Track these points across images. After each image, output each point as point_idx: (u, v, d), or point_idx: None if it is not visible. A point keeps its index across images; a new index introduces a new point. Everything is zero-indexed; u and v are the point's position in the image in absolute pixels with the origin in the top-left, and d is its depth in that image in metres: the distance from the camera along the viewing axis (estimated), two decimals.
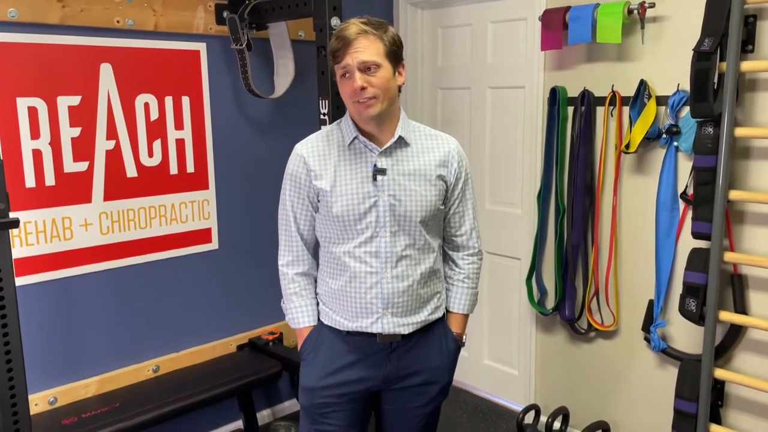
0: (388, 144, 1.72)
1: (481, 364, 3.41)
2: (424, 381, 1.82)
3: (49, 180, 2.38)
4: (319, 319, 1.85)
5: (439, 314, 1.84)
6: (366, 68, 1.63)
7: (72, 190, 2.44)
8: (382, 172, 1.70)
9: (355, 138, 1.72)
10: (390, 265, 1.72)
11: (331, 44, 1.66)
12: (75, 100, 2.41)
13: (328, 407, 1.80)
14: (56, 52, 2.35)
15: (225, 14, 2.69)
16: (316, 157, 1.74)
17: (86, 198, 2.48)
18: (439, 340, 1.85)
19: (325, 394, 1.79)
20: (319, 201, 1.76)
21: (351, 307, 1.75)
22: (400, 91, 1.73)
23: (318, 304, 1.86)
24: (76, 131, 2.43)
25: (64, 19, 2.34)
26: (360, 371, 1.78)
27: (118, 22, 2.47)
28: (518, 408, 3.17)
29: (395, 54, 1.69)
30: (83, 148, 2.45)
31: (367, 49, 1.62)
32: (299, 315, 1.83)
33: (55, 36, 2.34)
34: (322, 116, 2.35)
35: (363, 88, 1.62)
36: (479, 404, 3.33)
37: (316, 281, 1.88)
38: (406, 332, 1.76)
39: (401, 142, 1.74)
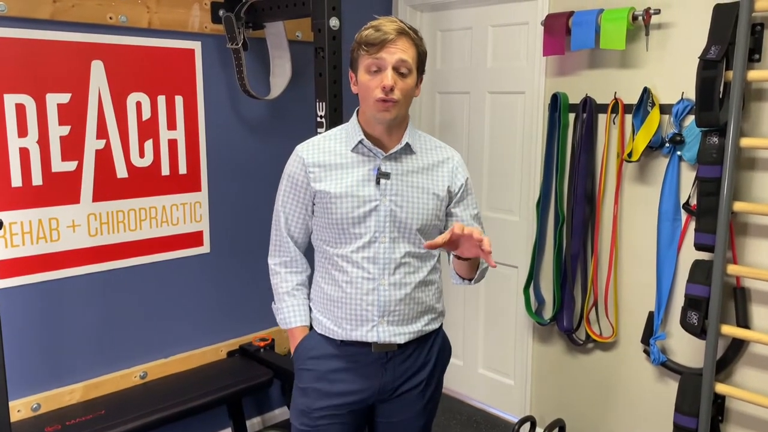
0: (394, 149, 1.68)
1: (476, 372, 3.36)
2: (419, 383, 1.77)
3: (37, 179, 2.31)
4: (312, 327, 1.80)
5: (435, 325, 1.79)
6: (399, 70, 1.60)
7: (60, 190, 2.37)
8: (386, 176, 1.66)
9: (360, 142, 1.67)
10: (388, 271, 1.67)
11: (367, 35, 1.60)
12: (64, 97, 2.35)
13: (323, 419, 1.74)
14: (46, 48, 2.29)
15: (221, 13, 2.64)
16: (317, 159, 1.70)
17: (74, 198, 2.41)
18: (435, 348, 1.80)
19: (322, 405, 1.73)
20: (315, 204, 1.71)
21: (346, 314, 1.70)
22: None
23: (311, 310, 1.81)
24: (65, 130, 2.36)
25: (55, 14, 2.28)
26: (355, 382, 1.72)
27: (110, 18, 2.41)
28: (513, 419, 3.12)
29: (422, 65, 1.68)
30: (72, 147, 2.38)
31: (405, 51, 1.60)
32: (291, 315, 1.79)
33: (45, 31, 2.28)
34: (318, 119, 2.30)
35: (392, 89, 1.58)
36: (473, 414, 3.28)
37: (309, 283, 1.84)
38: (402, 341, 1.71)
39: (407, 149, 1.70)
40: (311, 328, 1.80)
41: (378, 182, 1.66)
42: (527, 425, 2.93)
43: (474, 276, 1.69)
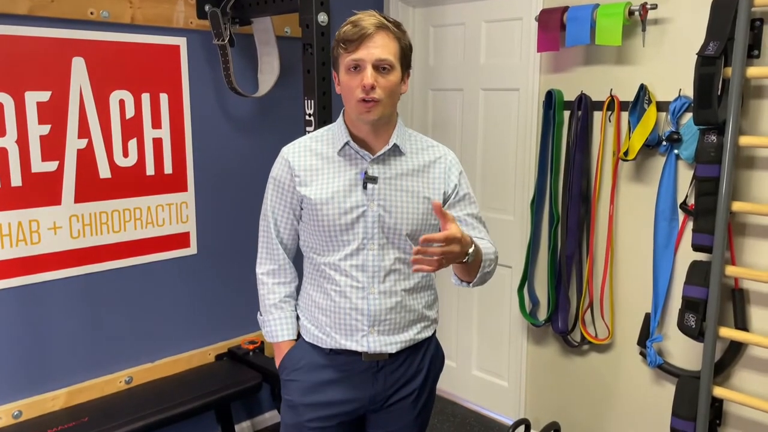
0: (381, 151, 1.61)
1: (469, 374, 3.31)
2: (411, 392, 1.71)
3: (16, 180, 2.24)
4: (299, 335, 1.74)
5: (427, 333, 1.73)
6: (380, 67, 1.52)
7: (40, 191, 2.30)
8: (373, 180, 1.59)
9: (346, 144, 1.61)
10: (377, 279, 1.61)
11: (344, 31, 1.53)
12: (44, 95, 2.27)
13: (315, 431, 1.68)
14: (25, 45, 2.21)
15: (207, 8, 2.56)
16: (303, 162, 1.64)
17: (55, 200, 2.34)
18: (427, 356, 1.74)
19: (312, 416, 1.67)
20: (302, 209, 1.65)
21: (335, 324, 1.64)
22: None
23: (298, 318, 1.74)
24: (46, 129, 2.29)
25: (34, 10, 2.20)
26: (345, 392, 1.66)
27: (92, 13, 2.33)
28: (508, 421, 3.08)
29: (407, 59, 1.60)
30: (53, 147, 2.31)
31: (385, 46, 1.52)
32: (278, 328, 1.73)
33: (23, 27, 2.20)
34: (307, 117, 2.24)
35: (373, 87, 1.51)
36: (467, 416, 3.23)
37: (297, 292, 1.77)
38: (393, 351, 1.65)
39: (395, 150, 1.63)
40: (298, 336, 1.74)
41: (365, 187, 1.59)
42: (522, 428, 2.88)
43: (472, 279, 1.59)
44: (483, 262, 1.55)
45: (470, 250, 1.44)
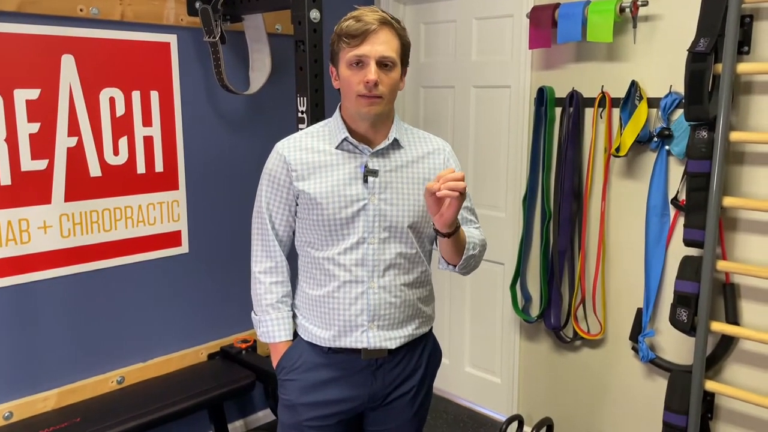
0: (381, 145, 1.61)
1: (462, 371, 3.32)
2: (409, 390, 1.71)
3: (5, 179, 2.22)
4: (296, 334, 1.72)
5: (425, 329, 1.73)
6: (383, 64, 1.53)
7: (30, 189, 2.28)
8: (374, 173, 1.58)
9: (345, 139, 1.60)
10: (377, 274, 1.60)
11: (347, 26, 1.52)
12: (33, 93, 2.25)
13: (312, 430, 1.67)
14: (13, 42, 2.19)
15: (197, 5, 2.55)
16: (299, 157, 1.62)
17: (45, 198, 2.32)
18: (425, 353, 1.74)
19: (311, 416, 1.67)
20: (299, 204, 1.64)
21: (333, 321, 1.63)
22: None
23: (294, 317, 1.73)
24: (35, 127, 2.27)
25: (23, 6, 2.18)
26: (344, 390, 1.66)
27: (81, 10, 2.31)
28: (501, 417, 3.09)
29: (406, 57, 1.61)
30: (42, 145, 2.29)
31: (388, 43, 1.53)
32: (275, 329, 1.70)
33: (12, 24, 2.18)
34: (300, 114, 2.23)
35: (376, 84, 1.51)
36: (460, 413, 3.24)
37: (293, 291, 1.76)
38: (393, 347, 1.65)
39: (394, 144, 1.63)
40: (295, 335, 1.73)
41: (365, 180, 1.58)
42: (515, 424, 2.89)
43: (458, 261, 1.60)
44: (468, 245, 1.59)
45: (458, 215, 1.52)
